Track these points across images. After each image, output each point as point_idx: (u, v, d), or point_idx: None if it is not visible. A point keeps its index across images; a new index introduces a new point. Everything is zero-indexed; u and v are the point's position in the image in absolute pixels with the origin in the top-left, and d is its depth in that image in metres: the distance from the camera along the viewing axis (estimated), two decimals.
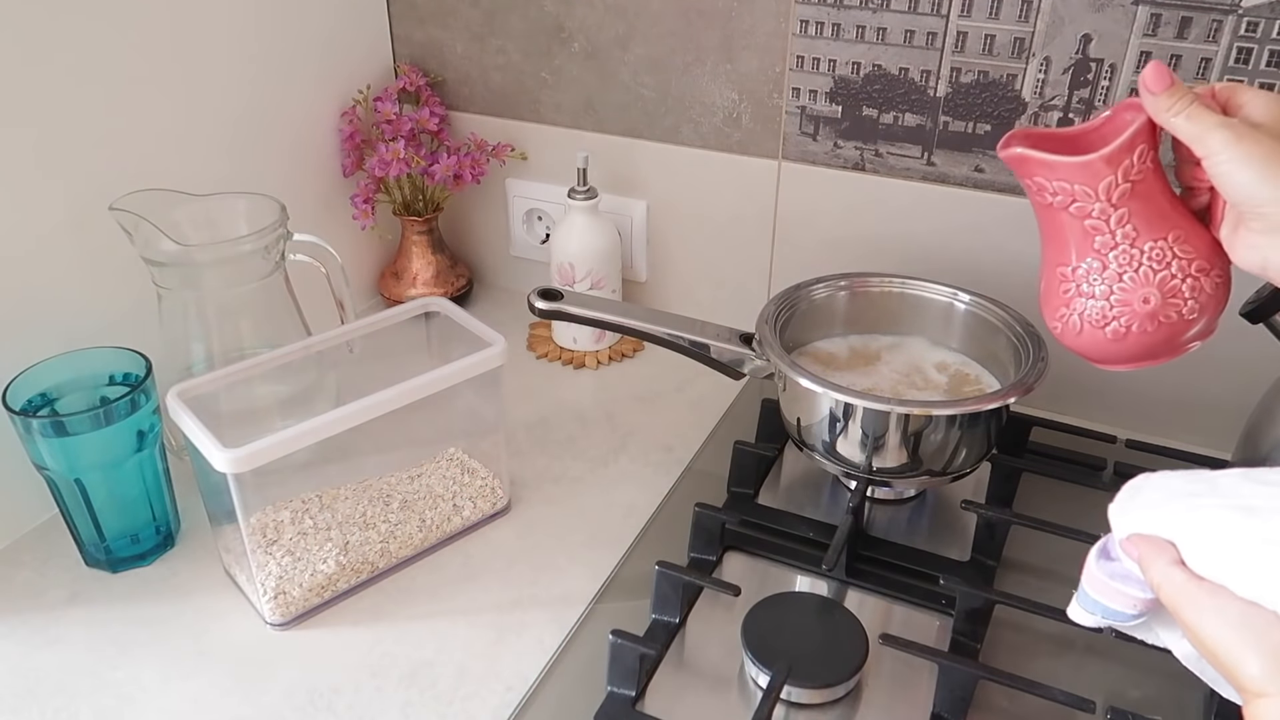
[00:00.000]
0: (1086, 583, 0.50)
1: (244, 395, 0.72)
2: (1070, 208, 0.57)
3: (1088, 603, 0.50)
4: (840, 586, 0.71)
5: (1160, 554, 0.44)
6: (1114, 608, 0.48)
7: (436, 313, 0.77)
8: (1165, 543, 0.44)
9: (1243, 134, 0.49)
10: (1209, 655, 0.41)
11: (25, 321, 0.72)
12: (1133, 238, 0.56)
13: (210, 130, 0.85)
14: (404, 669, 0.65)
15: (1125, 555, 0.47)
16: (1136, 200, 0.55)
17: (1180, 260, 0.56)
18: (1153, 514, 0.45)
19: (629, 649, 0.61)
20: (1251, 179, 0.49)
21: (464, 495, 0.77)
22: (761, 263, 0.97)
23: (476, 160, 1.00)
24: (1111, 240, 0.56)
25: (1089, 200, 0.56)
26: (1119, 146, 0.54)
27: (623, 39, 0.93)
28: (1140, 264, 0.56)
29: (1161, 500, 0.46)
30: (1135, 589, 0.47)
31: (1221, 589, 0.41)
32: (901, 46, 0.83)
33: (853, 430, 0.71)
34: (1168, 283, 0.56)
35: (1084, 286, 0.58)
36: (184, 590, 0.71)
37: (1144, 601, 0.47)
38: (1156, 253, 0.56)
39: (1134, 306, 0.56)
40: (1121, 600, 0.48)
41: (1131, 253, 0.56)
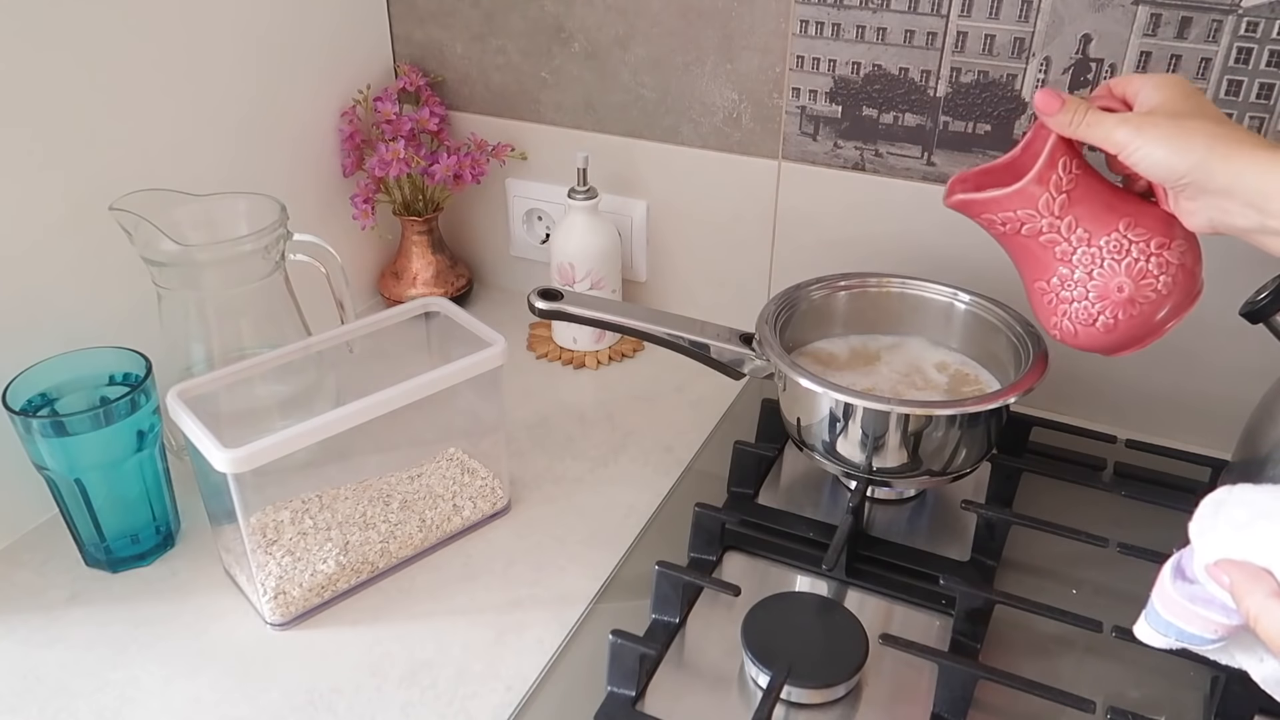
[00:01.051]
0: (1160, 603, 0.46)
1: (244, 395, 0.72)
2: (1023, 230, 0.61)
3: (1160, 624, 0.47)
4: (840, 586, 0.71)
5: (1257, 584, 0.40)
6: (1191, 631, 0.45)
7: (436, 313, 0.77)
8: (1261, 571, 0.40)
9: (1142, 123, 0.54)
10: None
11: (25, 321, 0.72)
12: (1087, 238, 0.60)
13: (210, 130, 0.85)
14: (404, 669, 0.65)
15: (1211, 580, 0.43)
16: (1078, 205, 0.59)
17: (1137, 244, 0.59)
18: (1242, 536, 0.42)
19: (629, 649, 0.61)
20: (1163, 158, 0.53)
21: (464, 495, 0.77)
22: (761, 263, 0.97)
23: (476, 160, 1.00)
24: (1070, 247, 0.60)
25: (1035, 219, 0.60)
26: (1042, 166, 0.59)
27: (623, 39, 0.93)
28: (1103, 259, 0.60)
29: (1250, 519, 0.42)
30: (1219, 615, 0.43)
31: None
32: (901, 46, 0.83)
33: (853, 430, 0.71)
34: (1134, 267, 0.59)
35: (1063, 294, 0.62)
36: (184, 590, 0.71)
37: (1228, 628, 0.44)
38: (1113, 245, 0.59)
39: (1112, 298, 0.60)
40: (1201, 624, 0.45)
41: (1091, 251, 0.60)
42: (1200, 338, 0.82)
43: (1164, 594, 0.46)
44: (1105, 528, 0.70)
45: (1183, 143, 0.53)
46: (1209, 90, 0.75)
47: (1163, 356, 0.84)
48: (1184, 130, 0.53)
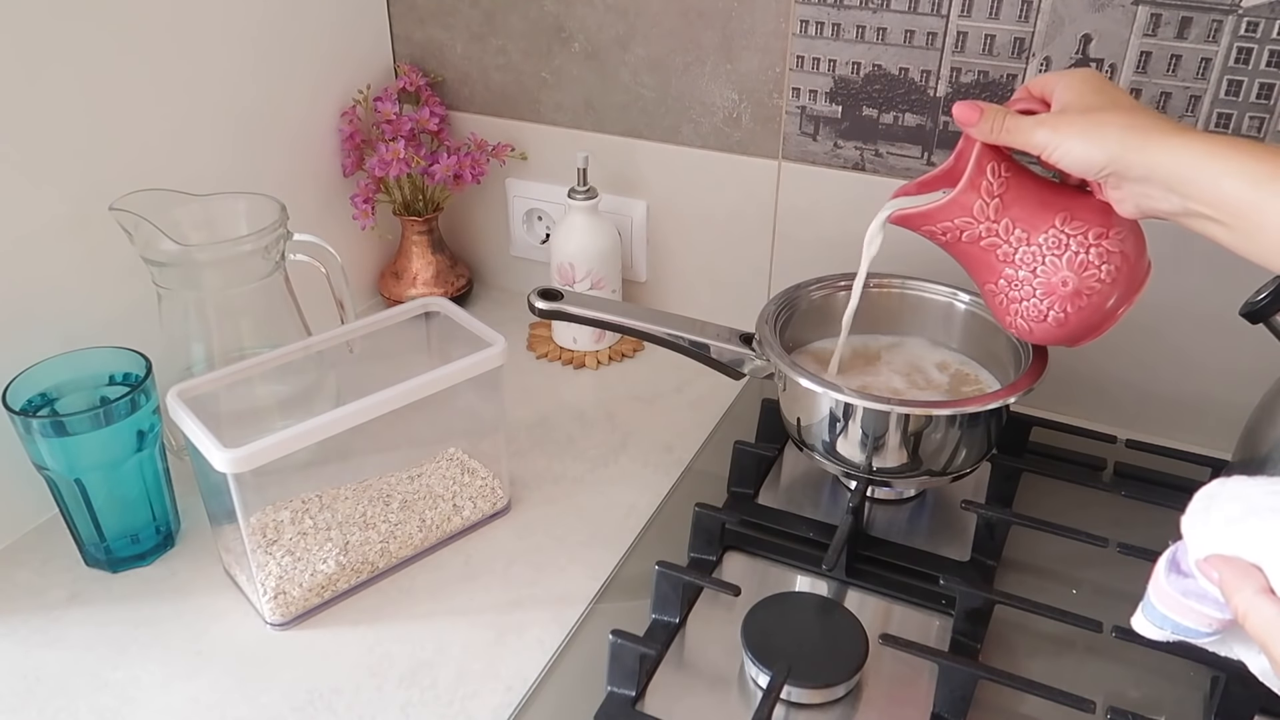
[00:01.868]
0: (1155, 597, 0.46)
1: (244, 395, 0.72)
2: (963, 238, 0.62)
3: (1156, 617, 0.46)
4: (840, 586, 0.71)
5: (1246, 580, 0.40)
6: (1186, 624, 0.45)
7: (436, 313, 0.77)
8: (1251, 567, 0.40)
9: (1057, 122, 0.56)
10: None
11: (25, 321, 0.72)
12: (1025, 238, 0.61)
13: (210, 130, 0.85)
14: (404, 669, 0.65)
15: (1202, 575, 0.43)
16: (1012, 207, 0.61)
17: (1075, 237, 0.60)
18: (1233, 531, 0.41)
19: (629, 649, 0.61)
20: (1081, 154, 0.55)
21: (464, 495, 0.77)
22: (761, 263, 0.97)
23: (476, 160, 1.00)
24: (1011, 248, 0.62)
25: (973, 226, 0.61)
26: (971, 174, 0.60)
27: (623, 39, 0.93)
28: (1043, 256, 0.61)
29: (1241, 514, 0.42)
30: (1213, 609, 0.43)
31: None
32: (901, 46, 0.83)
33: (853, 430, 0.71)
34: (1075, 260, 0.60)
35: (1012, 294, 0.63)
36: (184, 590, 0.71)
37: (1222, 622, 0.43)
38: (1051, 241, 0.61)
39: (1058, 292, 0.61)
40: (1195, 618, 0.44)
41: (1031, 250, 0.61)
42: (1200, 338, 0.82)
43: (1159, 588, 0.46)
44: (1105, 528, 0.70)
45: (1097, 136, 0.54)
46: (1208, 90, 0.75)
47: (1163, 356, 0.84)
48: (1097, 124, 0.54)
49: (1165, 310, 0.81)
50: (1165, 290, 0.81)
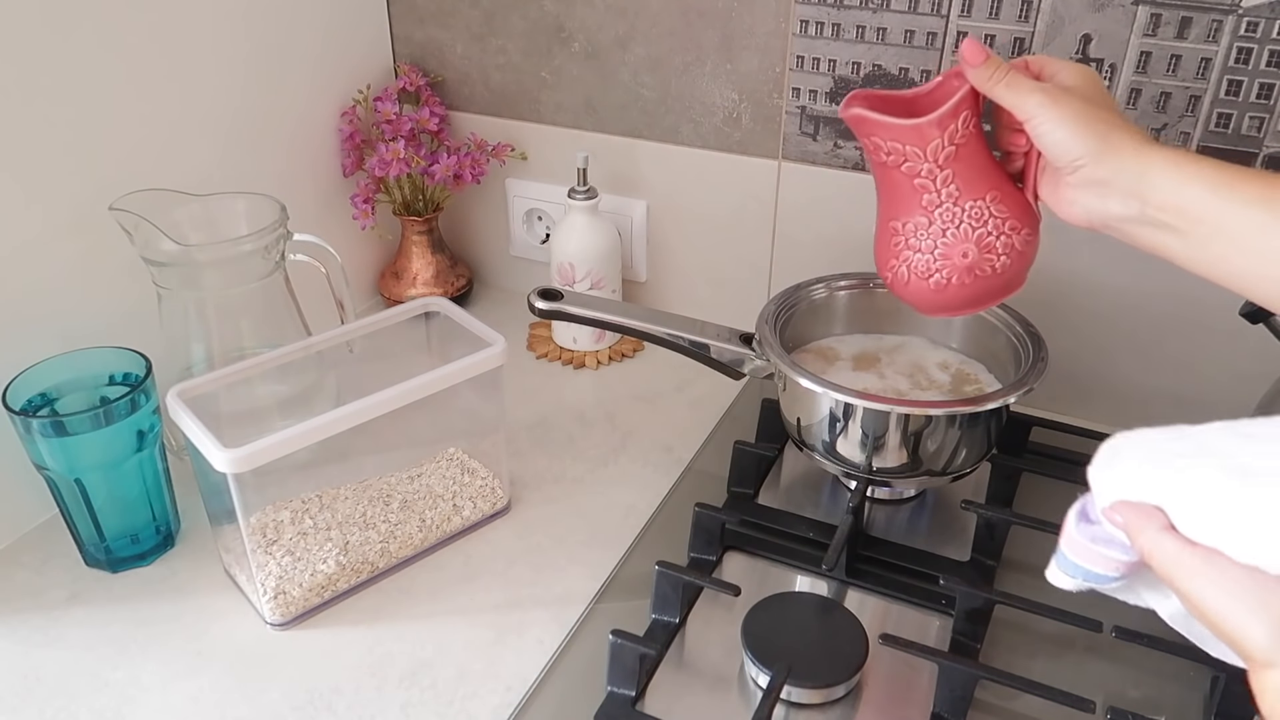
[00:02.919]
0: (1066, 546, 0.48)
1: (244, 395, 0.72)
2: (902, 166, 0.61)
3: (1067, 566, 0.48)
4: (840, 586, 0.71)
5: (1148, 521, 0.41)
6: (1095, 570, 0.47)
7: (436, 313, 0.77)
8: (1153, 509, 0.42)
9: (1057, 97, 0.55)
10: (1209, 624, 0.40)
11: (25, 321, 0.72)
12: (955, 196, 0.60)
13: (210, 130, 0.85)
14: (404, 669, 0.65)
15: (1108, 521, 0.44)
16: (960, 162, 0.60)
17: (996, 219, 0.61)
18: (1136, 477, 0.43)
19: (629, 649, 0.61)
20: (1066, 136, 0.55)
21: (464, 495, 0.77)
22: (761, 263, 0.97)
23: (476, 160, 1.00)
24: (937, 199, 0.61)
25: (918, 160, 0.60)
26: (946, 111, 0.58)
27: (623, 39, 0.93)
28: (961, 221, 0.61)
29: (1143, 460, 0.44)
30: (1119, 553, 0.45)
31: (1217, 555, 0.39)
32: (901, 46, 0.83)
33: (853, 430, 0.71)
34: (984, 239, 0.61)
35: (911, 241, 0.62)
36: (184, 590, 0.71)
37: (1127, 565, 0.45)
38: (976, 211, 0.60)
39: (954, 260, 0.61)
40: (1104, 564, 0.46)
41: (954, 210, 0.61)
42: (1200, 338, 0.82)
43: (1069, 537, 0.47)
44: None
45: (1085, 125, 0.54)
46: (1208, 90, 0.75)
47: (1163, 356, 0.84)
48: (1090, 114, 0.55)
49: (1166, 310, 0.81)
50: (1166, 290, 0.81)
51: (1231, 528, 0.39)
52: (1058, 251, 0.84)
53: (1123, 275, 0.82)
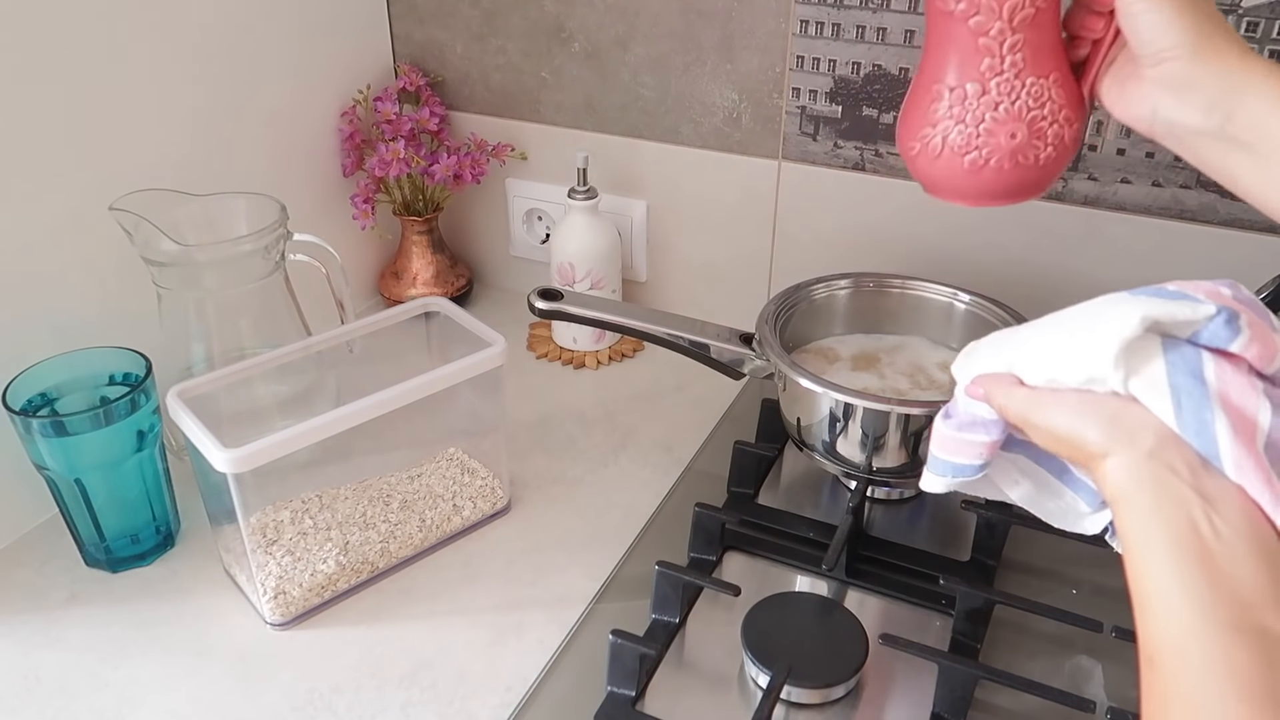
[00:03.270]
0: (935, 446, 0.53)
1: (244, 395, 0.72)
2: (970, 20, 0.54)
3: (936, 466, 0.53)
4: (840, 586, 0.71)
5: (1001, 382, 0.48)
6: (961, 462, 0.52)
7: (436, 313, 0.77)
8: (1004, 374, 0.48)
9: None
10: (1059, 446, 0.46)
11: (25, 321, 0.72)
12: (1019, 68, 0.55)
13: (210, 130, 0.85)
14: (404, 669, 0.65)
15: (970, 399, 0.50)
16: (1033, 30, 0.54)
17: (1054, 104, 0.56)
18: (987, 357, 0.50)
19: (629, 649, 0.61)
20: (1162, 21, 0.49)
21: (464, 495, 0.77)
22: (761, 263, 0.97)
23: (476, 160, 1.00)
24: (999, 65, 0.55)
25: (991, 17, 0.54)
26: None
27: (623, 39, 0.93)
28: (1018, 97, 0.55)
29: (991, 345, 0.51)
30: (982, 434, 0.51)
31: (1058, 389, 0.46)
32: (901, 46, 0.83)
33: (853, 430, 0.71)
34: (1037, 123, 0.56)
35: (956, 109, 0.56)
36: (184, 590, 0.71)
37: (989, 445, 0.51)
38: (1036, 90, 0.55)
39: (999, 140, 0.56)
40: (969, 451, 0.51)
41: (1013, 84, 0.55)
42: None
43: (938, 435, 0.53)
44: None
45: (1188, 14, 0.49)
46: None
47: None
48: (1195, 7, 0.49)
49: None
50: None
51: (1065, 364, 0.46)
52: (1057, 251, 0.84)
53: (1122, 274, 0.82)
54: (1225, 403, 0.42)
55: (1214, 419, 0.42)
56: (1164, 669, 0.37)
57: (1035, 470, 0.54)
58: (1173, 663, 0.37)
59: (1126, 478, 0.42)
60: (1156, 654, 0.38)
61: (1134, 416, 0.43)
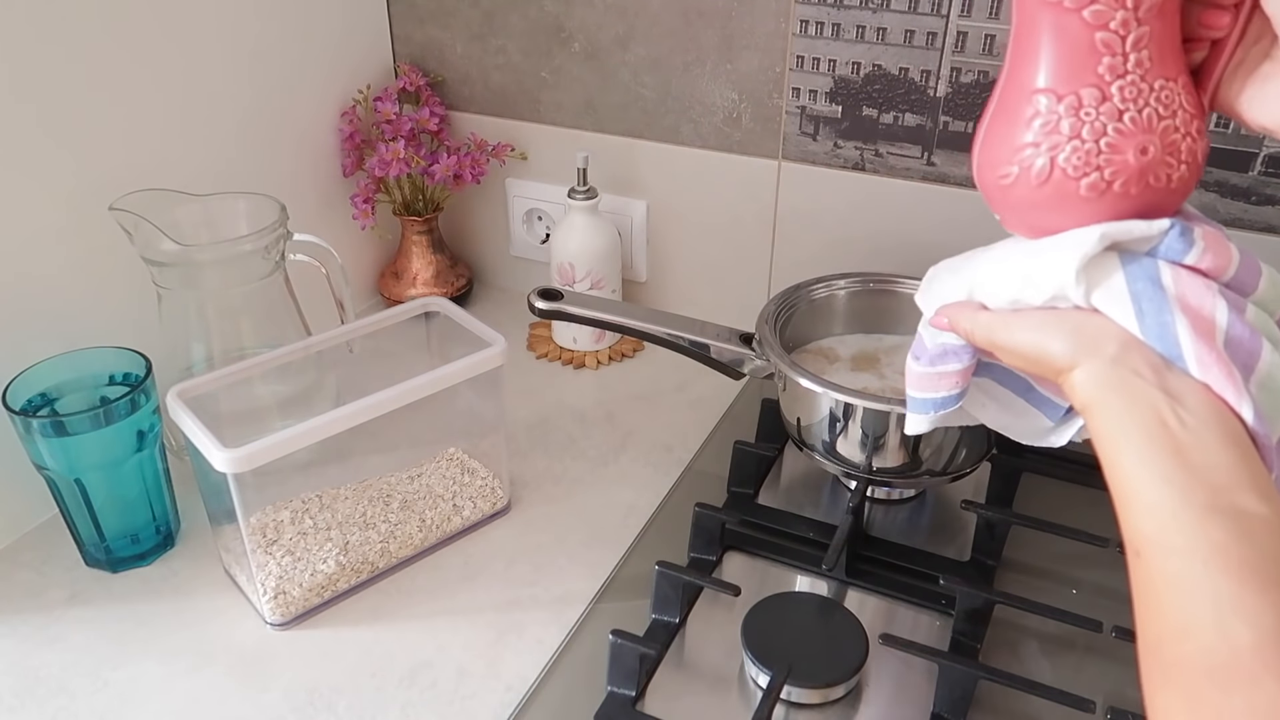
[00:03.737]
0: (912, 387, 0.54)
1: (244, 395, 0.72)
2: (1086, 10, 0.44)
3: (918, 405, 0.54)
4: (840, 586, 0.71)
5: (964, 308, 0.50)
6: (940, 395, 0.53)
7: (436, 313, 0.77)
8: (968, 301, 0.50)
9: None
10: (1027, 364, 0.47)
11: (25, 321, 0.72)
12: (1145, 68, 0.45)
13: (210, 130, 0.85)
14: (404, 669, 0.65)
15: (935, 330, 0.51)
16: (1161, 21, 0.45)
17: (1185, 112, 0.46)
18: (949, 285, 0.51)
19: (629, 649, 0.61)
20: None
21: (464, 495, 0.77)
22: (761, 263, 0.97)
23: (476, 160, 1.00)
24: (1122, 65, 0.45)
25: (1113, 5, 0.44)
26: None
27: (623, 39, 0.93)
28: (1146, 103, 0.45)
29: (951, 273, 0.52)
30: (953, 362, 0.52)
31: (1022, 309, 0.47)
32: (901, 46, 0.83)
33: (853, 430, 0.71)
34: (1169, 135, 0.45)
35: (1067, 122, 0.46)
36: (184, 590, 0.71)
37: (962, 373, 0.52)
38: (1166, 95, 0.45)
39: (1127, 157, 0.45)
40: (945, 382, 0.52)
41: (1140, 87, 0.45)
42: None
43: (912, 375, 0.54)
44: (1105, 528, 0.69)
45: None
46: None
47: None
48: None
49: None
50: None
51: (1026, 283, 0.46)
52: None
53: None
54: (1184, 305, 0.43)
55: (1174, 320, 0.43)
56: (1150, 558, 0.39)
57: (1000, 391, 0.56)
58: (1157, 550, 0.39)
59: (1094, 385, 0.43)
60: (1142, 546, 0.40)
61: (1096, 326, 0.44)
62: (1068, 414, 0.55)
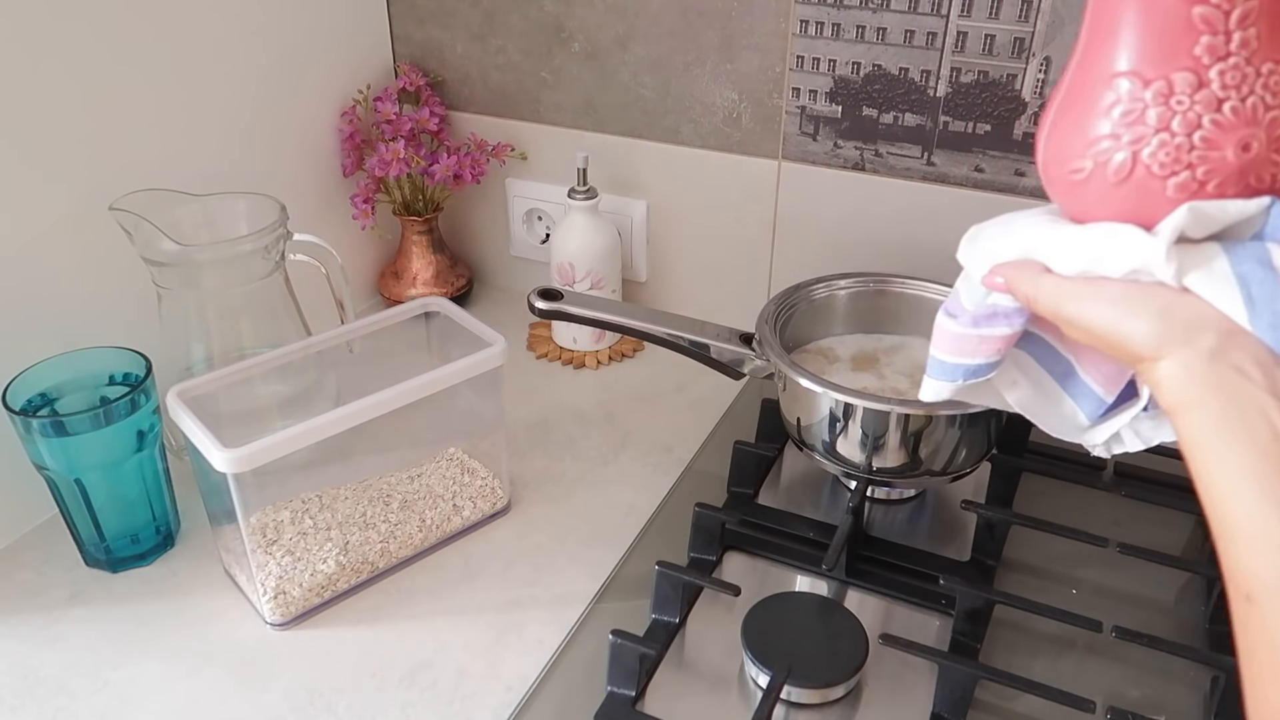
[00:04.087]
0: (943, 348, 0.49)
1: (244, 395, 0.72)
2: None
3: (944, 370, 0.49)
4: (840, 586, 0.71)
5: (1026, 269, 0.43)
6: (975, 362, 0.47)
7: (436, 313, 0.77)
8: (1029, 261, 0.43)
9: None
10: (1098, 341, 0.40)
11: (25, 321, 0.72)
12: (1252, 49, 0.39)
13: (211, 130, 0.85)
14: (404, 669, 0.65)
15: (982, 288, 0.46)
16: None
17: None
18: (1005, 242, 0.44)
19: (629, 649, 0.61)
20: None
21: (464, 495, 0.77)
22: (761, 263, 0.97)
23: (476, 160, 1.00)
24: (1224, 45, 0.39)
25: None
26: None
27: (623, 39, 0.93)
28: (1251, 90, 0.39)
29: (1004, 228, 0.46)
30: (1002, 326, 0.46)
31: (1095, 278, 0.40)
32: (901, 46, 0.83)
33: (853, 430, 0.71)
34: (1278, 128, 0.39)
35: (1154, 113, 0.40)
36: (184, 590, 0.71)
37: (1007, 339, 0.46)
38: (1276, 81, 0.39)
39: (1225, 154, 0.39)
40: (984, 348, 0.47)
41: (1245, 71, 0.39)
42: None
43: (946, 335, 0.47)
44: (1105, 528, 0.70)
45: None
46: None
47: None
48: None
49: None
50: None
51: (1104, 251, 0.39)
52: None
53: None
54: None
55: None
56: (1266, 604, 0.32)
57: (1036, 371, 0.49)
58: (1273, 595, 0.32)
59: (1188, 382, 0.36)
60: (1254, 588, 0.32)
61: (1191, 310, 0.37)
62: (1108, 412, 0.48)
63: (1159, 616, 0.67)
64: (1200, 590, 0.69)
